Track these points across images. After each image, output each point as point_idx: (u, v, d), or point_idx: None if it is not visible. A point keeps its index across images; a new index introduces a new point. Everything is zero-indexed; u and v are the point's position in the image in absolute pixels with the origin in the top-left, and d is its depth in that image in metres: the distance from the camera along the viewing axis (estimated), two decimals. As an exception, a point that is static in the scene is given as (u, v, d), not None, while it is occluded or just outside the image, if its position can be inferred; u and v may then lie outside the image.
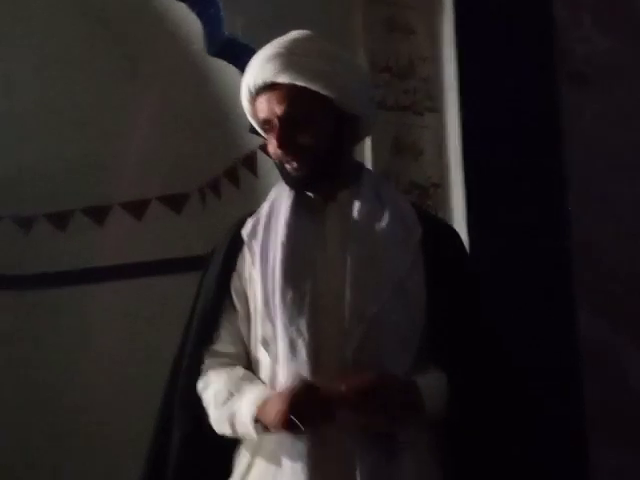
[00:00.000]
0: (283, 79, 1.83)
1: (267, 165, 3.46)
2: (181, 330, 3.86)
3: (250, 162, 3.60)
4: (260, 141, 3.35)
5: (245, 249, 1.90)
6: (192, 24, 3.21)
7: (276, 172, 3.29)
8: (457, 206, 2.98)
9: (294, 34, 1.94)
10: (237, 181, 3.75)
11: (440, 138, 3.05)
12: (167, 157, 4.00)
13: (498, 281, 2.87)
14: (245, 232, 1.92)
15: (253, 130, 3.09)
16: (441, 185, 3.05)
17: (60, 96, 4.01)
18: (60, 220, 4.25)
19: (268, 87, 1.85)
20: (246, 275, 1.89)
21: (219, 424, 1.83)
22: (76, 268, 4.16)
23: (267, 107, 1.85)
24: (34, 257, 4.24)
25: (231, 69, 3.16)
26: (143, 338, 3.98)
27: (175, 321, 3.88)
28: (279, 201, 1.92)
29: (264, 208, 1.94)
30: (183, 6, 3.21)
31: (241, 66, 3.13)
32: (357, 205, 1.87)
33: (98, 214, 4.20)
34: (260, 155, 3.51)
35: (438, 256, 1.86)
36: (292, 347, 1.75)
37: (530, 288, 2.88)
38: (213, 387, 1.85)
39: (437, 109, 3.06)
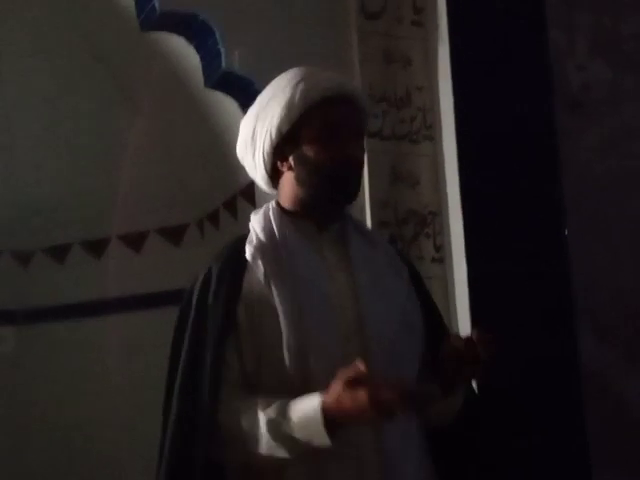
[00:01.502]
0: (355, 95, 1.92)
1: (265, 196, 3.47)
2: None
3: (249, 193, 3.61)
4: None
5: (252, 272, 1.85)
6: (190, 57, 3.23)
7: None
8: (455, 234, 2.99)
9: None
10: (235, 212, 3.76)
11: (437, 166, 3.06)
12: (165, 189, 4.01)
13: (497, 307, 2.89)
14: (252, 257, 1.86)
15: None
16: (439, 213, 3.06)
17: (58, 131, 4.03)
18: (58, 254, 4.26)
19: (337, 98, 1.89)
20: (256, 294, 1.84)
21: (270, 446, 1.74)
22: (75, 301, 4.16)
23: (339, 117, 1.88)
24: (33, 291, 4.24)
25: (229, 101, 3.18)
26: (143, 370, 3.97)
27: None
28: (278, 227, 1.90)
29: (262, 234, 1.89)
30: (181, 39, 3.23)
31: (239, 98, 3.16)
32: (353, 237, 1.92)
33: (96, 247, 4.21)
34: (259, 187, 3.53)
35: (419, 287, 2.00)
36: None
37: (529, 314, 2.89)
38: (249, 413, 1.77)
39: (434, 138, 3.08)
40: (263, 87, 2.99)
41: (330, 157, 1.87)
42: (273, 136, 1.89)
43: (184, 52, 3.28)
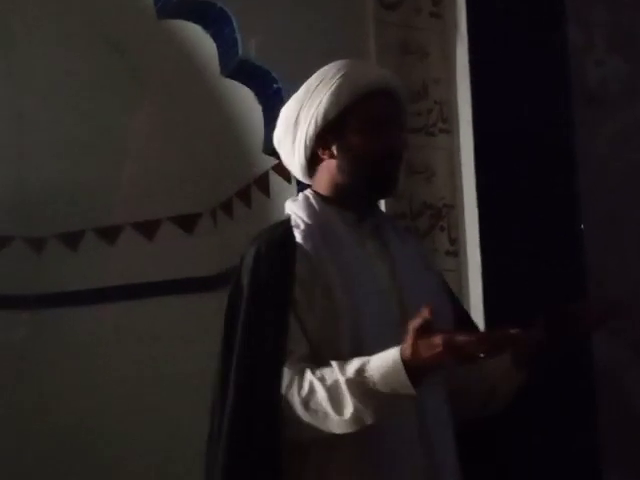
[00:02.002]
0: (400, 89, 1.98)
1: (279, 186, 3.47)
2: (189, 349, 3.90)
3: (263, 183, 3.61)
4: (273, 162, 3.37)
5: (303, 255, 1.86)
6: (206, 45, 3.22)
7: (287, 193, 3.32)
8: (470, 227, 2.98)
9: None
10: (249, 201, 3.76)
11: (453, 159, 3.05)
12: (179, 177, 4.01)
13: (511, 301, 2.87)
14: (304, 240, 1.88)
15: (267, 151, 3.15)
16: (454, 206, 3.05)
17: (72, 117, 4.03)
18: (71, 240, 4.26)
19: (385, 91, 1.94)
20: (309, 277, 1.84)
21: (355, 409, 1.71)
22: (87, 288, 4.16)
23: (386, 109, 1.93)
24: (45, 277, 4.25)
25: (245, 90, 3.17)
26: (154, 357, 3.98)
27: (185, 340, 3.94)
28: (322, 214, 1.93)
29: (308, 219, 1.91)
30: (198, 27, 3.22)
31: (255, 87, 3.15)
32: (389, 232, 1.98)
33: (109, 234, 4.21)
34: (272, 176, 3.52)
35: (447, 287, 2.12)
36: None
37: (543, 308, 2.87)
38: (324, 381, 1.74)
39: (450, 131, 3.06)
40: (279, 76, 3.03)
41: (376, 148, 1.90)
42: (319, 122, 1.91)
43: (200, 40, 3.27)
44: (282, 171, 3.38)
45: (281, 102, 2.99)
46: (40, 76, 4.01)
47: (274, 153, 3.15)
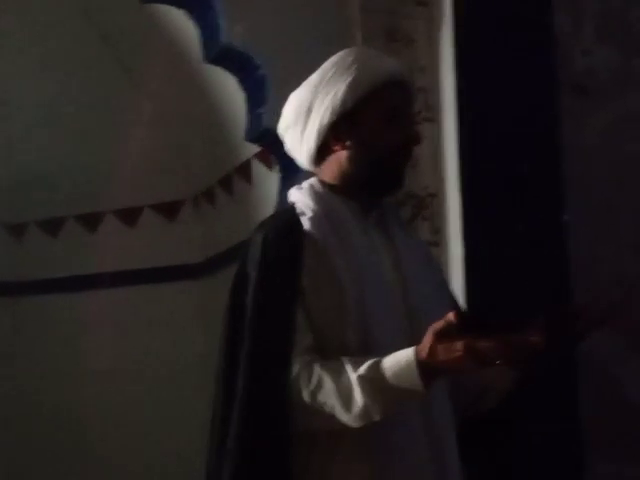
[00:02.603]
0: (410, 82, 1.99)
1: (261, 173, 3.45)
2: (171, 336, 3.88)
3: (245, 170, 3.59)
4: (255, 149, 3.35)
5: (311, 242, 1.84)
6: (189, 31, 3.19)
7: (270, 180, 3.31)
8: (453, 216, 2.97)
9: None
10: (231, 189, 3.74)
11: (437, 148, 3.03)
12: (161, 165, 3.99)
13: (493, 292, 2.87)
14: (311, 228, 1.86)
15: (249, 139, 3.13)
16: (437, 195, 3.03)
17: (53, 104, 4.00)
18: (52, 227, 4.24)
19: (399, 83, 1.93)
20: (316, 265, 1.82)
21: (363, 404, 1.69)
22: (68, 275, 4.15)
23: (401, 101, 1.93)
24: (26, 264, 4.23)
25: (228, 77, 3.14)
26: (135, 345, 3.97)
27: (167, 328, 3.93)
28: (329, 202, 1.91)
29: (315, 207, 1.89)
30: (180, 13, 3.19)
31: (238, 74, 3.12)
32: (393, 225, 1.96)
33: (90, 221, 4.20)
34: (255, 163, 3.51)
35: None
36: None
37: (528, 299, 2.87)
38: (334, 374, 1.73)
39: (434, 119, 3.05)
40: (263, 63, 3.00)
41: (392, 138, 1.89)
42: (335, 112, 1.89)
43: (184, 26, 3.24)
44: (264, 159, 3.36)
45: (265, 89, 2.98)
46: (23, 62, 3.97)
47: (257, 140, 3.14)
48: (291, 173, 2.97)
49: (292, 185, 1.97)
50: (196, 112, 3.70)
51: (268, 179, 3.33)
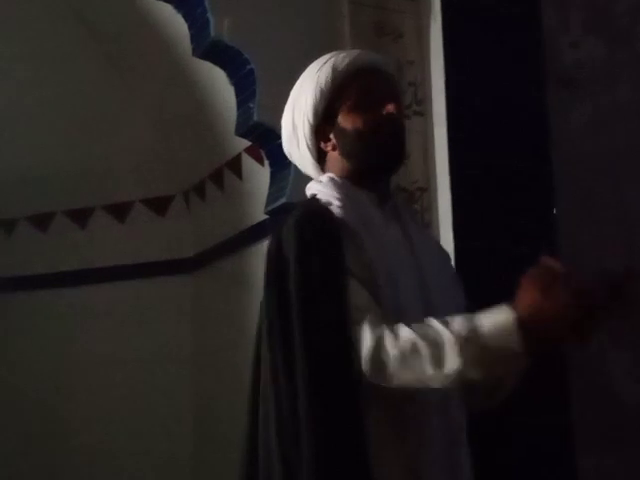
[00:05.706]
0: (383, 63, 2.00)
1: (252, 168, 3.45)
2: (162, 331, 3.87)
3: (235, 165, 3.58)
4: (245, 144, 3.34)
5: (345, 234, 1.83)
6: (178, 25, 3.18)
7: (260, 175, 3.31)
8: (443, 210, 2.97)
9: None
10: (222, 184, 3.74)
11: (427, 142, 3.03)
12: (151, 160, 3.98)
13: (483, 286, 2.87)
14: (346, 217, 1.85)
15: (239, 133, 3.12)
16: (427, 189, 3.04)
17: (43, 99, 3.98)
18: (42, 222, 4.23)
19: (366, 68, 1.94)
20: (353, 254, 1.81)
21: (462, 362, 1.66)
22: (58, 270, 4.14)
23: (371, 84, 1.93)
24: (15, 259, 4.22)
25: (217, 71, 3.13)
26: (126, 340, 3.96)
27: (157, 322, 3.92)
28: (354, 195, 1.91)
29: (343, 199, 1.88)
30: (169, 7, 3.18)
31: (227, 68, 3.11)
32: (407, 218, 1.98)
33: (80, 216, 4.18)
34: (245, 158, 3.50)
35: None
36: None
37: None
38: (423, 337, 1.69)
39: (424, 113, 3.05)
40: (252, 57, 2.99)
41: (368, 120, 1.91)
42: (311, 119, 1.94)
43: (172, 20, 3.23)
44: (255, 153, 3.36)
45: (254, 83, 2.97)
46: (9, 56, 3.96)
47: (246, 135, 3.14)
48: (281, 168, 2.98)
49: (282, 179, 1.97)
50: (185, 107, 3.69)
51: (258, 174, 3.33)
